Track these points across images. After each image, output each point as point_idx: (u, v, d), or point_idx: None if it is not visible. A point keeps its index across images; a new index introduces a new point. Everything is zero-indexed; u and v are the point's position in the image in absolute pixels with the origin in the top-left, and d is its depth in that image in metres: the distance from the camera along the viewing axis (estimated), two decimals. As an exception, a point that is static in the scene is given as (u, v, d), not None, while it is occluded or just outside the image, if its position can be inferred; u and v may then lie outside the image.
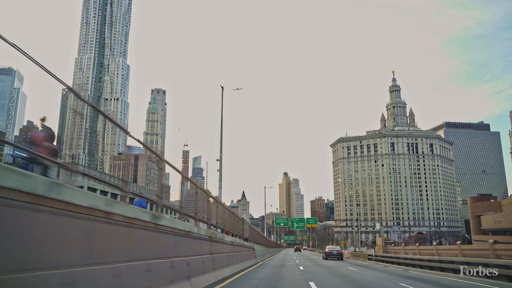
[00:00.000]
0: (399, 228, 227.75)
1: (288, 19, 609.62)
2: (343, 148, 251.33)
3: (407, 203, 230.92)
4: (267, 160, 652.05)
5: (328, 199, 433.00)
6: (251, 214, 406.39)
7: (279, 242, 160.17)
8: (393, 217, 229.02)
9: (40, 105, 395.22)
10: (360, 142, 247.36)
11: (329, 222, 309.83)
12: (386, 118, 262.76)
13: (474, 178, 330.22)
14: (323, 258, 41.19)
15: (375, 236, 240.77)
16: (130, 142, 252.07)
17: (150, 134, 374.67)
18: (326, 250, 42.19)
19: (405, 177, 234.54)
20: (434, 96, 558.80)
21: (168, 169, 9.91)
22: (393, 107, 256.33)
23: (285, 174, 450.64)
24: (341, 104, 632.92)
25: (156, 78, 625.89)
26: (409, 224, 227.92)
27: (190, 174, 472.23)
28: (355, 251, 56.97)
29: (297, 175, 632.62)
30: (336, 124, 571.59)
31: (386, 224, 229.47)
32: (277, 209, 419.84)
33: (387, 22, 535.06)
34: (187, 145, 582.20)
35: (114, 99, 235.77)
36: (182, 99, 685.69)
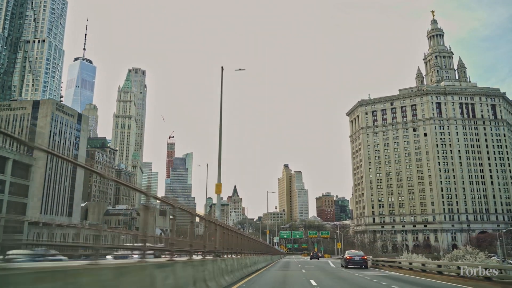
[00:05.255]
0: (453, 226, 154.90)
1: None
2: (366, 114, 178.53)
3: (463, 188, 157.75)
4: (264, 151, 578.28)
5: (337, 196, 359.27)
6: (245, 214, 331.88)
7: (272, 245, 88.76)
8: (443, 210, 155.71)
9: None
10: (391, 104, 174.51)
11: (345, 222, 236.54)
12: (424, 74, 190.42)
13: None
14: (342, 267, 33.38)
15: (416, 238, 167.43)
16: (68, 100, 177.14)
17: (121, 116, 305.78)
18: (346, 256, 33.29)
19: (459, 151, 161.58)
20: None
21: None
22: (436, 57, 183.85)
23: (286, 166, 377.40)
24: (354, 71, 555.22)
25: (140, 60, 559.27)
26: (467, 219, 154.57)
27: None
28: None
29: (300, 168, 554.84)
30: (349, 96, 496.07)
31: (434, 219, 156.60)
32: (276, 207, 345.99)
33: (388, 23, 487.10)
34: (172, 136, 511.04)
35: (39, 41, 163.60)
36: (169, 85, 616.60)
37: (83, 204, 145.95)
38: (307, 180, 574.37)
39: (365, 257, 33.31)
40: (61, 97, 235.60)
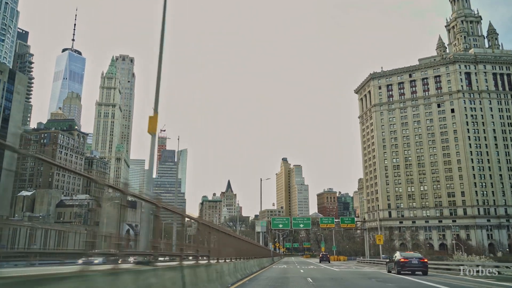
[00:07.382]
0: (489, 221, 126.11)
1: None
2: (379, 88, 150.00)
3: (500, 175, 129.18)
4: (262, 145, 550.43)
5: (340, 192, 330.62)
6: (239, 212, 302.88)
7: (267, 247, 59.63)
8: (476, 201, 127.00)
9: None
10: (410, 76, 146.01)
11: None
12: (447, 43, 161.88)
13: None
14: (389, 272, 26.59)
15: (443, 235, 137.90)
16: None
17: (104, 104, 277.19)
18: (400, 258, 25.23)
19: (494, 130, 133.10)
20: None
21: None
22: (462, 21, 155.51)
23: (284, 160, 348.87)
24: (358, 58, 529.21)
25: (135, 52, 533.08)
26: (506, 212, 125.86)
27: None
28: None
29: (299, 162, 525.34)
30: (353, 82, 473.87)
31: (465, 213, 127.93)
32: (273, 204, 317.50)
33: (390, 24, 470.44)
34: (164, 130, 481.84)
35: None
36: (163, 78, 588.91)
37: (29, 193, 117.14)
38: (307, 175, 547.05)
39: (425, 260, 25.65)
40: (32, 78, 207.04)
